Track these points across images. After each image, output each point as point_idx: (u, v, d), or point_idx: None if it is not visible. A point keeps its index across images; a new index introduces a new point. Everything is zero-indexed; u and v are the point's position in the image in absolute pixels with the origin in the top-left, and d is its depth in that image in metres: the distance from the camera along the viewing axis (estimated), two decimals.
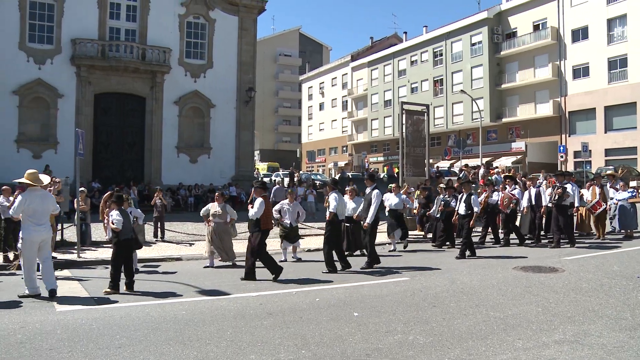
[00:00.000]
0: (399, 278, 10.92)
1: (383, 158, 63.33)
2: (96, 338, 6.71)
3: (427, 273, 11.42)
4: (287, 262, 13.23)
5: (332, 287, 10.04)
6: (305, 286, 10.20)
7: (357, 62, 69.46)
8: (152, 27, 31.97)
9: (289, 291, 9.73)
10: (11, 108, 28.88)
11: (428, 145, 23.27)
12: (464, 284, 10.09)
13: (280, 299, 9.12)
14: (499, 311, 7.86)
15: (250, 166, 35.09)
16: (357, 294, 9.36)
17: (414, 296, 9.08)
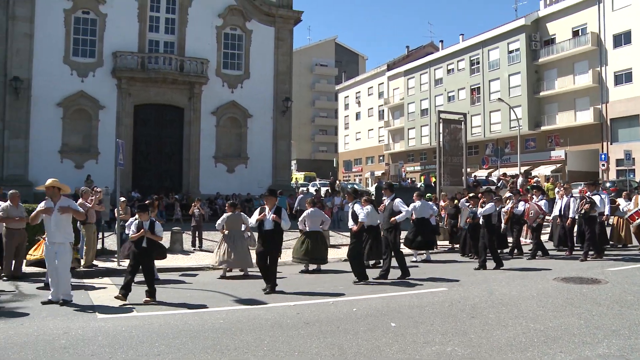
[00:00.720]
0: (437, 288, 10.82)
1: (420, 167, 62.93)
2: (136, 345, 6.81)
3: (465, 283, 11.29)
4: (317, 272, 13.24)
5: (369, 297, 10.00)
6: (342, 296, 10.17)
7: (393, 71, 69.30)
8: (190, 39, 32.47)
9: (326, 301, 9.72)
10: (56, 120, 29.62)
11: (465, 154, 23.08)
12: (503, 294, 9.94)
13: (318, 308, 9.11)
14: (539, 323, 7.72)
15: (287, 176, 35.25)
16: (394, 304, 9.30)
17: (452, 307, 8.97)
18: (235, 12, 33.38)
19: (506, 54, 51.33)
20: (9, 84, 28.47)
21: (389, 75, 69.99)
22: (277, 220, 10.59)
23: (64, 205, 9.51)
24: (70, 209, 9.58)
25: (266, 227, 10.68)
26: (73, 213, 9.67)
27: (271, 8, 33.97)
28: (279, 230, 10.77)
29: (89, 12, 30.75)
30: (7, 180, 26.94)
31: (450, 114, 26.05)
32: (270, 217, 10.62)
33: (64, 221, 9.55)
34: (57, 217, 9.42)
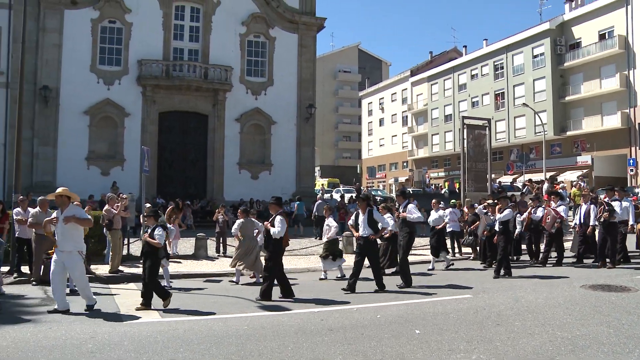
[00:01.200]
0: (461, 295, 10.73)
1: (444, 173, 62.60)
2: (161, 351, 6.86)
3: (490, 290, 11.18)
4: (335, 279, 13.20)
5: (393, 304, 9.95)
6: (366, 302, 10.14)
7: (416, 77, 69.12)
8: (214, 46, 32.74)
9: (349, 307, 9.70)
10: (83, 127, 30.05)
11: (490, 159, 22.93)
12: (529, 302, 9.82)
13: (341, 315, 9.09)
14: (567, 331, 7.61)
15: (311, 182, 35.27)
16: (418, 311, 9.25)
17: (477, 314, 8.89)
18: (259, 19, 33.59)
19: (531, 59, 50.87)
20: (39, 93, 28.99)
21: (412, 81, 69.82)
22: (268, 227, 10.75)
23: (68, 215, 9.50)
24: (73, 218, 9.53)
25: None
26: (77, 222, 9.61)
27: (294, 15, 34.12)
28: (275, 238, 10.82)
29: (115, 21, 31.19)
30: (36, 187, 27.38)
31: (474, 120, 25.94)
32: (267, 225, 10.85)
33: (71, 230, 9.54)
34: (63, 226, 9.46)
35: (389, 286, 11.61)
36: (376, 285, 11.41)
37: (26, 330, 8.05)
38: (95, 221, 14.54)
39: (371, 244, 11.46)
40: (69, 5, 30.20)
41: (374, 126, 79.36)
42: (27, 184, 26.78)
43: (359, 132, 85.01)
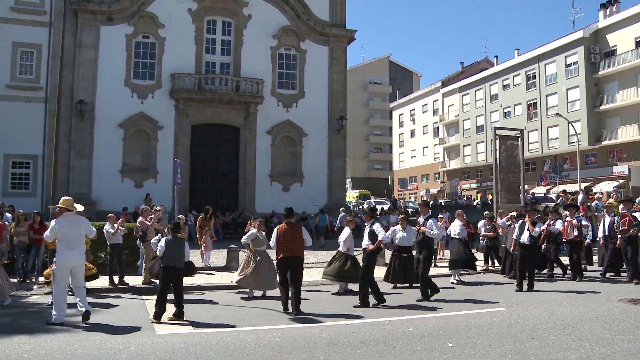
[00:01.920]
0: (495, 308, 10.59)
1: (476, 185, 61.97)
2: None
3: (524, 303, 11.01)
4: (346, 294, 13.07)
5: (425, 317, 9.87)
6: (398, 315, 10.07)
7: (447, 88, 68.76)
8: (245, 59, 33.04)
9: (381, 320, 9.64)
10: (117, 140, 30.55)
11: (523, 170, 22.67)
12: (565, 315, 9.64)
13: (373, 327, 9.05)
14: (605, 347, 7.44)
15: (342, 194, 35.19)
16: (451, 324, 9.15)
17: (510, 327, 8.77)
18: (290, 32, 33.82)
19: (564, 68, 50.17)
20: (75, 107, 29.61)
21: (443, 92, 69.46)
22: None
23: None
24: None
25: None
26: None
27: (325, 27, 34.27)
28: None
29: (148, 36, 31.73)
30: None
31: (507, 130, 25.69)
32: None
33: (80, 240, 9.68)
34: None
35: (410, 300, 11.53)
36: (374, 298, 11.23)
37: (62, 339, 8.19)
38: (129, 233, 14.80)
39: (368, 255, 11.28)
40: (105, 21, 30.86)
41: (405, 137, 79.07)
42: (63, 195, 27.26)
43: (390, 143, 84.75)
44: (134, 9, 31.40)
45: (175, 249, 9.98)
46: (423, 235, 12.01)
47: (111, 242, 13.85)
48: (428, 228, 11.93)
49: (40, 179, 29.70)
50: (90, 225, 10.12)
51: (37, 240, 14.19)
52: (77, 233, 9.57)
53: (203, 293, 12.78)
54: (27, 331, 8.76)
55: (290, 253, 10.56)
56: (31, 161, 29.84)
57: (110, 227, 13.85)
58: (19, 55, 29.92)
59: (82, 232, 9.71)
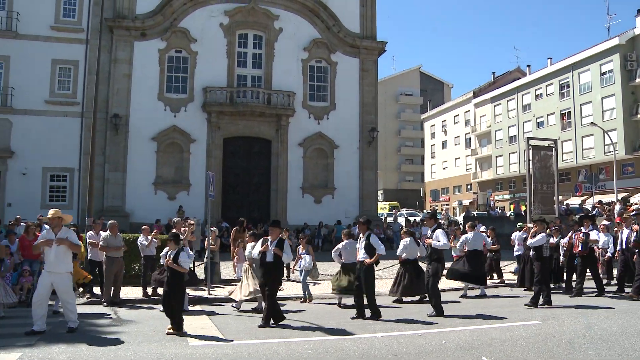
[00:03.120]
0: (529, 321, 10.42)
1: (509, 196, 61.18)
2: None
3: (559, 317, 10.83)
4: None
5: (459, 330, 9.76)
6: (431, 327, 9.99)
7: (479, 99, 68.22)
8: (276, 72, 33.29)
9: (414, 332, 9.58)
10: (150, 153, 31.00)
11: (557, 181, 22.37)
12: (603, 330, 9.44)
13: (406, 340, 8.98)
14: None
15: (374, 206, 35.08)
16: (485, 337, 9.04)
17: (546, 341, 8.62)
18: (320, 45, 34.00)
19: (598, 76, 49.35)
20: (110, 121, 30.18)
21: (475, 103, 68.94)
22: (279, 253, 10.45)
23: (62, 237, 9.69)
24: (66, 241, 9.72)
25: (267, 258, 10.55)
26: (69, 245, 9.77)
27: (355, 40, 34.37)
28: (279, 263, 10.69)
29: (181, 50, 32.22)
30: (107, 211, 28.41)
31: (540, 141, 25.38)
32: (272, 249, 10.47)
33: (63, 252, 9.70)
34: (56, 247, 9.59)
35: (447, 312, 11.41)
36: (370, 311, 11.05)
37: (98, 349, 8.33)
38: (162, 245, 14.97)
39: (366, 269, 11.04)
40: (139, 37, 31.45)
41: (436, 149, 78.59)
42: (98, 207, 27.80)
43: (421, 155, 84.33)
44: (167, 25, 31.95)
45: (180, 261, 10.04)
46: (431, 248, 11.61)
47: (145, 253, 14.04)
48: (434, 240, 11.53)
49: (76, 192, 30.30)
50: (75, 237, 10.17)
51: None
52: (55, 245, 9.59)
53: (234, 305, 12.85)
54: (64, 340, 8.92)
55: None
56: (68, 174, 30.50)
57: (144, 239, 14.05)
58: (57, 71, 30.74)
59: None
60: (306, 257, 14.28)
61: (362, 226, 11.50)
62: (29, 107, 30.06)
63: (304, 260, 14.25)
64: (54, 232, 9.75)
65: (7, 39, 30.01)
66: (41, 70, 30.27)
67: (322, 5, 34.08)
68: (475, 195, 66.62)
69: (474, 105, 69.11)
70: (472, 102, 69.38)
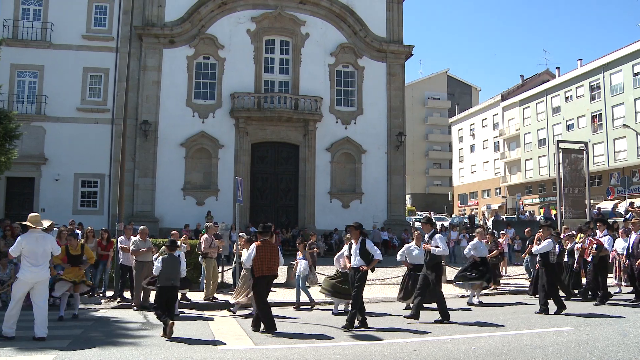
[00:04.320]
0: (561, 327, 10.28)
1: (539, 200, 60.46)
2: None
3: (592, 323, 10.65)
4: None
5: (489, 335, 9.67)
6: (461, 333, 9.91)
7: (507, 102, 67.55)
8: (303, 77, 33.41)
9: (443, 338, 9.52)
10: (179, 159, 31.33)
11: (588, 184, 22.07)
12: (639, 337, 9.25)
13: (435, 345, 8.94)
14: None
15: (402, 211, 34.95)
16: (515, 343, 8.94)
17: (578, 348, 8.48)
18: (347, 49, 34.03)
19: (631, 77, 48.44)
20: (139, 127, 30.58)
21: (503, 106, 68.30)
22: None
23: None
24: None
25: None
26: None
27: (382, 44, 34.33)
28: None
29: (209, 57, 32.53)
30: (136, 216, 28.79)
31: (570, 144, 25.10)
32: None
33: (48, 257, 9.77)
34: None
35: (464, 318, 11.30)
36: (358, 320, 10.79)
37: (129, 353, 8.43)
38: (191, 250, 15.14)
39: (360, 275, 10.80)
40: (167, 44, 31.84)
41: (464, 152, 78.02)
42: (128, 213, 28.21)
43: (449, 159, 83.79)
44: (195, 32, 32.29)
45: (171, 268, 10.15)
46: (429, 254, 11.44)
47: None
48: (433, 246, 11.37)
49: (106, 197, 30.77)
50: (55, 243, 10.18)
51: (104, 256, 14.76)
52: (42, 250, 9.61)
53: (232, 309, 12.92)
54: (95, 343, 9.07)
55: (270, 272, 10.48)
56: (98, 180, 31.00)
57: None
58: (88, 79, 31.32)
59: (48, 249, 9.74)
60: (302, 262, 13.83)
61: (355, 231, 11.12)
62: (61, 115, 30.68)
63: (299, 265, 13.81)
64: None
65: (42, 49, 30.76)
66: (73, 78, 30.90)
67: (348, 10, 34.12)
68: (504, 199, 65.98)
69: (502, 109, 68.49)
70: (501, 106, 68.76)
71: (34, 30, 31.02)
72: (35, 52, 30.66)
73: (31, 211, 29.35)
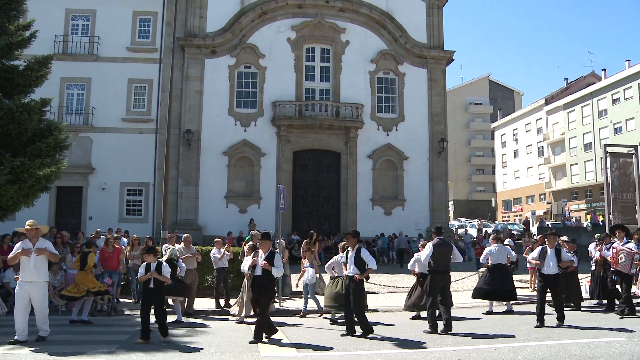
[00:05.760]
0: (612, 338, 9.98)
1: (585, 205, 59.08)
2: None
3: None
4: None
5: (535, 345, 9.47)
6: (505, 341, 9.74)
7: (551, 106, 66.30)
8: (344, 85, 33.43)
9: (488, 346, 9.37)
10: (222, 167, 31.68)
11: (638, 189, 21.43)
12: None
13: (479, 354, 8.81)
14: None
15: (444, 217, 34.58)
16: (563, 353, 8.72)
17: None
18: (388, 56, 33.94)
19: None
20: (183, 137, 31.06)
21: (547, 110, 67.07)
22: (267, 267, 10.14)
23: (41, 247, 9.90)
24: (46, 250, 9.93)
25: (256, 272, 10.32)
26: (49, 255, 9.99)
27: (423, 50, 34.13)
28: (270, 277, 10.26)
29: (250, 66, 32.86)
30: (180, 224, 29.21)
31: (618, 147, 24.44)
32: (260, 263, 10.23)
33: (41, 261, 9.88)
34: (35, 257, 9.77)
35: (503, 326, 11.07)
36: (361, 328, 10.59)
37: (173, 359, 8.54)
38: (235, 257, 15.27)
39: (356, 285, 10.64)
40: (209, 54, 32.31)
41: (508, 158, 76.79)
42: (172, 221, 28.63)
43: (492, 164, 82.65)
44: (236, 41, 32.68)
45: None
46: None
47: (217, 266, 14.34)
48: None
49: (151, 205, 31.28)
50: (52, 247, 10.28)
51: None
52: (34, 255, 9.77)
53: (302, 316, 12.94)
54: (141, 349, 9.23)
55: None
56: (143, 189, 31.57)
57: (217, 252, 14.35)
58: (133, 90, 32.01)
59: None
60: (309, 270, 13.67)
61: (352, 239, 11.07)
62: (107, 125, 31.38)
63: (307, 273, 13.65)
64: (32, 242, 9.95)
65: (89, 62, 31.59)
66: (118, 89, 31.62)
67: (388, 16, 34.06)
68: (549, 205, 64.68)
69: (546, 113, 67.26)
70: (544, 110, 67.55)
71: (82, 44, 31.90)
72: (83, 65, 31.49)
73: (79, 220, 30.47)
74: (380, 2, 34.16)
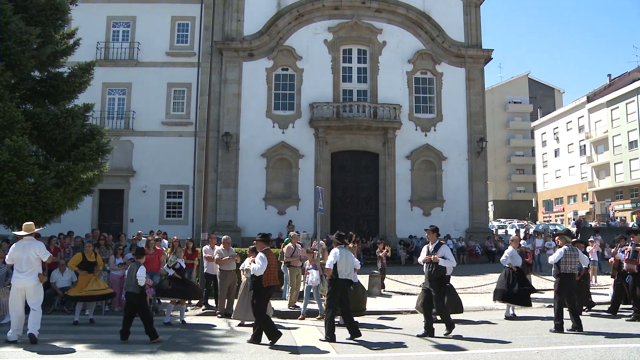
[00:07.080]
0: None
1: (631, 205, 57.61)
2: None
3: None
4: None
5: (579, 348, 9.28)
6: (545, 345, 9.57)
7: (594, 103, 64.87)
8: (381, 86, 33.30)
9: (528, 349, 9.23)
10: (260, 169, 31.91)
11: None
12: None
13: (521, 357, 8.70)
14: None
15: (484, 218, 34.19)
16: (608, 357, 8.52)
17: None
18: (425, 56, 33.71)
19: None
20: (221, 139, 31.39)
21: (589, 108, 65.64)
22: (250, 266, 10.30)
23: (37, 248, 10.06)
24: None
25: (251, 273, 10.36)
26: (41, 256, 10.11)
27: (460, 49, 33.80)
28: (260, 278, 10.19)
29: (287, 68, 33.04)
30: (219, 226, 29.50)
31: None
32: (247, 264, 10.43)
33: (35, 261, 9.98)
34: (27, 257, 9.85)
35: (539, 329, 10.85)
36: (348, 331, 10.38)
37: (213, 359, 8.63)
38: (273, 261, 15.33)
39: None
40: (247, 57, 32.59)
41: (548, 157, 75.42)
42: (212, 223, 28.93)
43: (532, 164, 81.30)
44: (273, 44, 32.88)
45: (131, 275, 10.28)
46: (435, 265, 10.87)
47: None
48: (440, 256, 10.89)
49: (191, 208, 31.70)
50: (44, 248, 10.32)
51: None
52: (26, 256, 9.85)
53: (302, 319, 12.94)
54: (182, 349, 9.38)
55: (275, 282, 10.49)
56: (183, 191, 32.01)
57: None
58: (172, 94, 32.53)
59: (32, 255, 9.93)
60: (313, 272, 13.38)
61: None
62: (147, 129, 31.93)
63: (310, 275, 13.38)
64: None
65: (130, 67, 32.26)
66: (158, 93, 32.16)
67: (425, 16, 33.83)
68: (592, 205, 63.27)
69: (588, 111, 65.83)
70: (586, 107, 66.11)
71: (123, 50, 32.56)
72: (124, 71, 32.14)
73: (121, 222, 31.08)
74: (417, 1, 33.95)
